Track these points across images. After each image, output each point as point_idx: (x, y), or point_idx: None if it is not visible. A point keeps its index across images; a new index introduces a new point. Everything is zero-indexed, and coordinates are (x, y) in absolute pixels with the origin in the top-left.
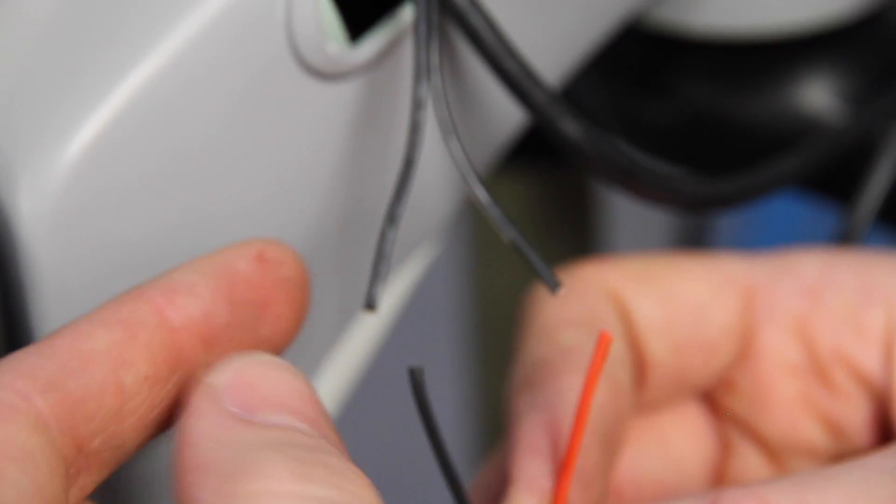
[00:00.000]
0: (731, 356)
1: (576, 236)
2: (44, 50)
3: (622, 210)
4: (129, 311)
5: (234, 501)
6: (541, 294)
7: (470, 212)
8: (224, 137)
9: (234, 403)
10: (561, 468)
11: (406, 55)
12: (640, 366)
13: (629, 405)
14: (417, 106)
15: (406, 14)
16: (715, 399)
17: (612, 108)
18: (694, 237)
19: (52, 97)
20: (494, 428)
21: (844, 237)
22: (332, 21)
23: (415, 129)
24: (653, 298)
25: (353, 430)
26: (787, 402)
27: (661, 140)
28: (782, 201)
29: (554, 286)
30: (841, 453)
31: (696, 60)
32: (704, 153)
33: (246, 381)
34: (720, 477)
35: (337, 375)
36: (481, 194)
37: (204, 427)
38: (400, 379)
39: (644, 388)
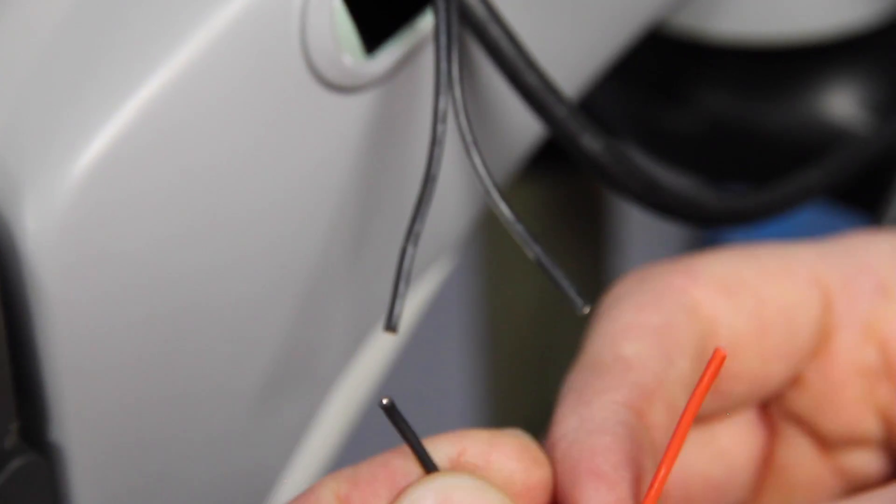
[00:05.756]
0: (809, 358)
1: (586, 241)
2: (51, 63)
3: (634, 214)
4: None
5: None
6: (617, 293)
7: (481, 225)
8: (236, 151)
9: None
10: (647, 496)
11: (422, 67)
12: (716, 381)
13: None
14: (439, 118)
15: (423, 25)
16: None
17: (631, 115)
18: (710, 242)
19: (58, 112)
20: None
21: None
22: (347, 33)
23: (436, 143)
24: (742, 310)
25: (364, 446)
26: (853, 401)
27: (681, 148)
28: (808, 212)
29: (579, 306)
30: (891, 441)
31: (717, 67)
32: (724, 162)
33: None
34: (767, 466)
35: (351, 390)
36: (505, 210)
37: None
38: (412, 394)
39: (719, 399)
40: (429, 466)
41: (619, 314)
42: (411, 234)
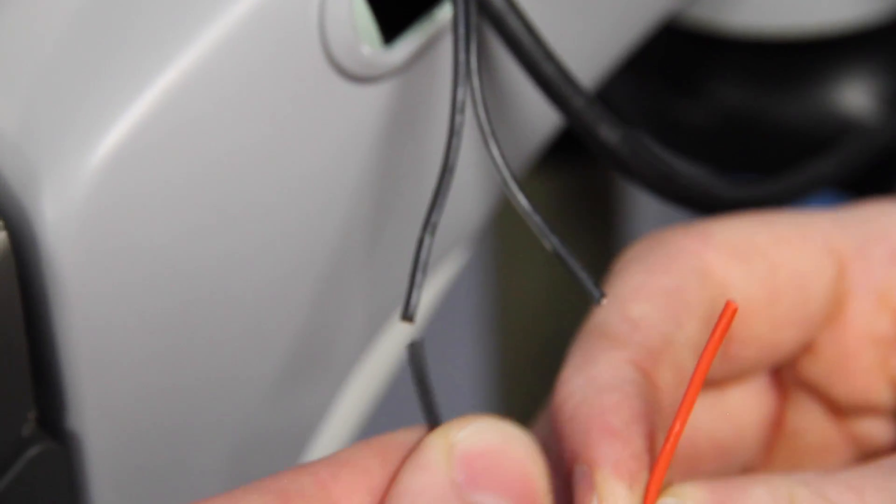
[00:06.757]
0: (822, 325)
1: (601, 231)
2: (69, 53)
3: (649, 204)
4: (289, 481)
5: None
6: (629, 256)
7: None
8: (254, 142)
9: (460, 470)
10: (661, 452)
11: (440, 57)
12: (725, 345)
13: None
14: (457, 109)
15: (441, 15)
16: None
17: (645, 107)
18: None
19: (76, 103)
20: None
21: None
22: (366, 23)
23: (454, 134)
24: (755, 276)
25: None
26: (865, 369)
27: (694, 140)
28: (818, 203)
29: (597, 297)
30: None
31: (731, 60)
32: (737, 154)
33: (480, 450)
34: (778, 430)
35: (367, 380)
36: (523, 201)
37: (422, 485)
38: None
39: (728, 363)
40: (434, 420)
41: (629, 277)
42: (428, 225)
